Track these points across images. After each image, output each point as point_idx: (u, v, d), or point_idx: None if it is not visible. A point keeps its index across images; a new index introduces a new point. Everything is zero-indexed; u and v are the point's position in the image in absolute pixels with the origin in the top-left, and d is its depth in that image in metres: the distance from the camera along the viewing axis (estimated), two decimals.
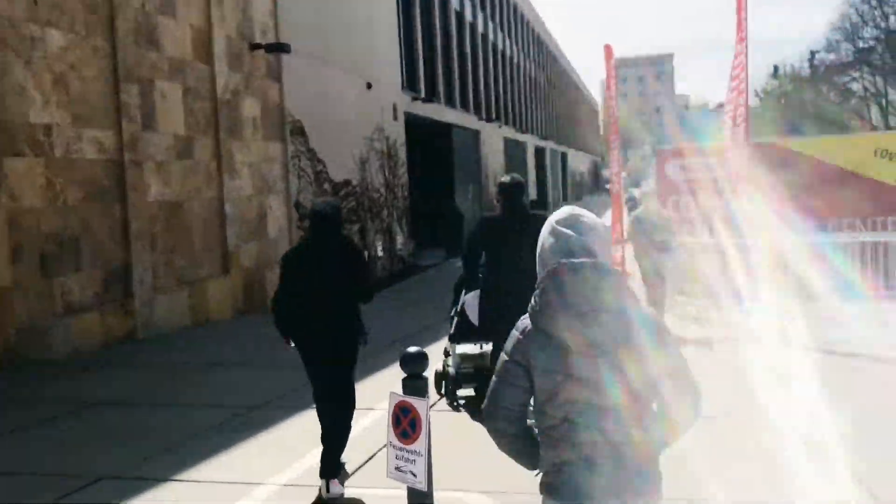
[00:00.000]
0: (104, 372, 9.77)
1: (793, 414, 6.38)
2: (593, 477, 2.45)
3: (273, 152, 16.06)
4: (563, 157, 66.15)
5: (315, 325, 5.50)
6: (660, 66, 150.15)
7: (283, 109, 16.40)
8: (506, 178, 6.83)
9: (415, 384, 3.78)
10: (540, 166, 51.57)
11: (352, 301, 5.58)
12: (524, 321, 2.60)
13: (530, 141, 48.20)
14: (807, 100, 74.35)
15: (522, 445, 2.66)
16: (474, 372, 7.53)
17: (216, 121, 14.11)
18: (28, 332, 10.02)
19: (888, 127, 48.73)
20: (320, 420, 5.70)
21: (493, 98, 38.06)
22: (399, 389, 3.84)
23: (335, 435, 5.56)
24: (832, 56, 57.21)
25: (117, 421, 7.61)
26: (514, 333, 2.61)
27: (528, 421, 2.68)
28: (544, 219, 2.80)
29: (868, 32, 50.99)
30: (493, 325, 6.45)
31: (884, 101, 51.76)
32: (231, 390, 8.73)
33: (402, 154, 23.67)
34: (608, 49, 15.47)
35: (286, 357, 9.77)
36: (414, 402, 3.52)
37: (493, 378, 2.65)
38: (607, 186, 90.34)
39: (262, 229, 15.58)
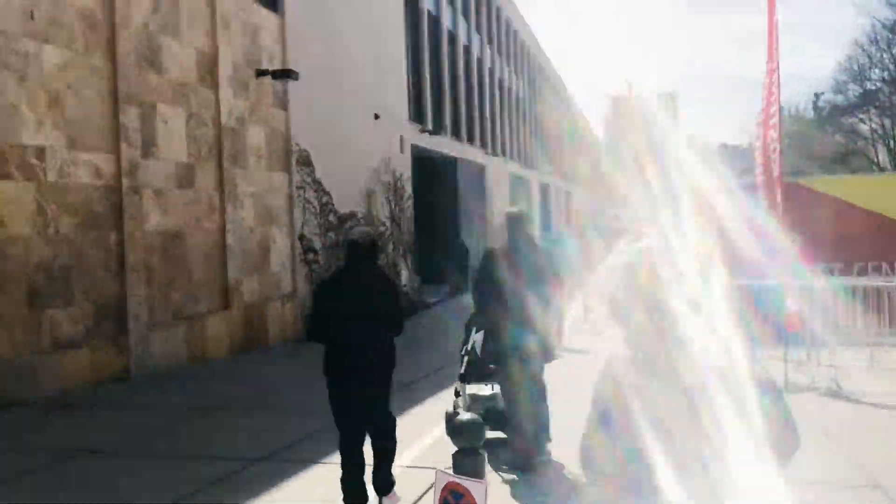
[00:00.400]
0: (93, 414, 8.99)
1: None
2: None
3: (277, 182, 15.41)
4: (568, 194, 65.66)
5: (350, 358, 5.46)
6: (664, 103, 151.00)
7: (289, 138, 15.78)
8: (511, 209, 6.82)
9: (471, 461, 3.03)
10: (545, 202, 50.99)
11: (385, 332, 5.57)
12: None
13: (535, 176, 47.69)
14: (813, 141, 74.27)
15: None
16: (485, 413, 7.06)
17: (219, 148, 13.47)
18: (12, 368, 9.26)
19: (895, 168, 48.30)
20: (347, 468, 5.56)
21: (498, 133, 37.59)
22: (442, 459, 3.08)
23: (385, 455, 5.63)
24: (839, 97, 56.96)
25: (102, 476, 6.81)
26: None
27: None
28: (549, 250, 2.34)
29: (875, 74, 50.78)
30: (496, 362, 6.46)
31: (891, 142, 51.32)
32: (231, 439, 7.95)
33: (409, 187, 23.05)
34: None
35: (291, 400, 8.98)
36: (469, 484, 2.78)
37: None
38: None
39: (265, 263, 14.87)
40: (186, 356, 12.21)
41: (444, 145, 27.28)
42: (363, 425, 5.59)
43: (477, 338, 7.13)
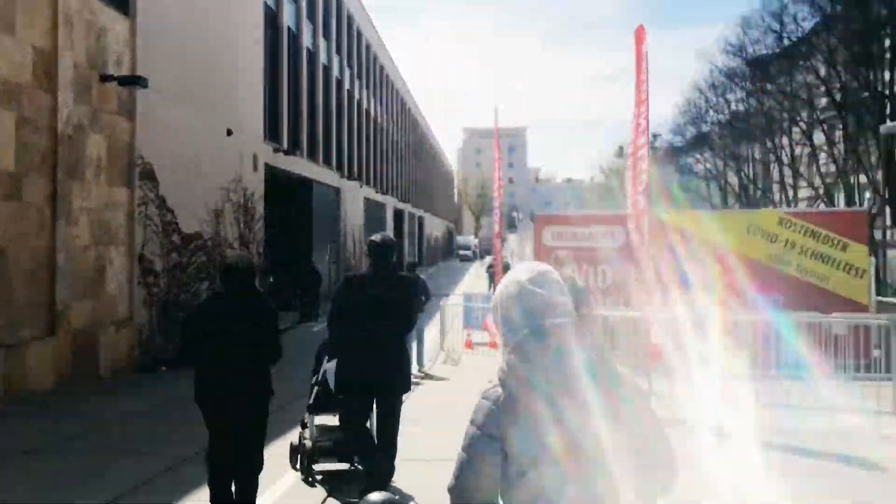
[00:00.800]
0: None
1: None
2: None
3: (118, 197, 14.23)
4: (420, 220, 65.84)
5: (228, 385, 5.31)
6: (514, 138, 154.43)
7: (134, 150, 14.65)
8: (377, 237, 6.40)
9: None
10: (398, 228, 50.78)
11: (263, 360, 5.46)
12: (493, 388, 2.33)
13: (390, 202, 47.43)
14: (652, 179, 77.98)
15: None
16: (333, 445, 7.02)
17: (54, 158, 12.26)
18: None
19: (725, 206, 51.17)
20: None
21: (355, 157, 37.06)
22: None
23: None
24: (677, 137, 60.29)
25: None
26: (483, 402, 2.32)
27: None
28: (415, 281, 3.49)
29: (711, 117, 53.98)
30: (351, 392, 6.14)
31: (723, 182, 54.55)
32: (46, 486, 6.97)
33: (260, 207, 22.11)
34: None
35: (117, 437, 8.09)
36: None
37: (463, 455, 2.32)
38: (461, 253, 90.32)
39: (100, 285, 13.64)
40: (2, 388, 10.90)
41: (299, 166, 26.47)
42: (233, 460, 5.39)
43: (329, 367, 6.83)
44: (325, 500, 6.56)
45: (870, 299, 15.13)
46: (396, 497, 2.93)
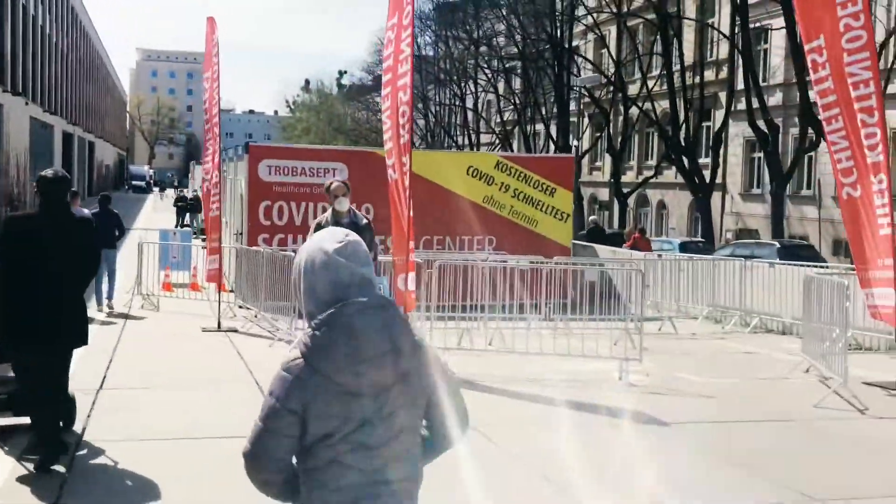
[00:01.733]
0: None
1: None
2: None
3: None
4: (91, 146, 60.11)
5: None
6: (192, 64, 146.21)
7: None
8: (48, 172, 5.79)
9: None
10: (67, 154, 45.78)
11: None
12: (294, 361, 2.35)
13: (59, 124, 42.50)
14: (339, 114, 78.35)
15: (290, 489, 2.44)
16: (7, 399, 6.24)
17: None
18: None
19: (413, 146, 52.54)
20: None
21: (20, 69, 32.47)
22: None
23: None
24: (369, 76, 60.74)
25: None
26: (285, 375, 2.34)
27: None
28: (90, 221, 3.95)
29: None
30: (19, 343, 5.52)
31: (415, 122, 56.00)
32: None
33: None
34: (211, 22, 12.88)
35: None
36: None
37: (260, 424, 2.36)
38: (134, 183, 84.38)
39: None
40: None
41: None
42: None
43: None
44: None
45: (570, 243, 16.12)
46: None
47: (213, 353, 10.06)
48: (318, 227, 7.29)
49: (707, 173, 28.14)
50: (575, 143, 33.15)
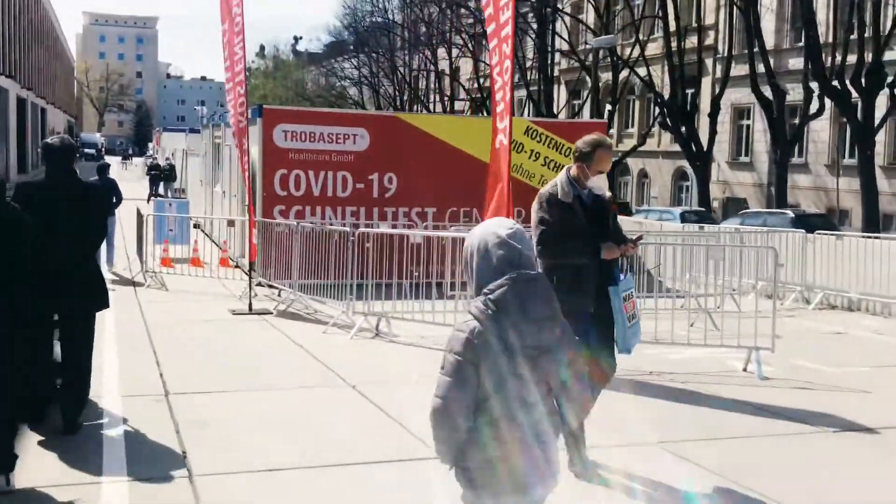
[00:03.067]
0: None
1: None
2: (523, 470, 2.70)
3: None
4: (44, 112, 57.49)
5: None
6: (143, 29, 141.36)
7: None
8: (55, 140, 5.84)
9: None
10: (21, 120, 43.50)
11: None
12: (469, 322, 2.69)
13: (13, 88, 40.25)
14: (297, 79, 76.49)
15: (459, 449, 2.73)
16: None
17: None
18: None
19: (379, 109, 50.62)
20: None
21: None
22: None
23: None
24: (334, 40, 58.95)
25: None
26: (460, 334, 2.68)
27: None
28: (98, 188, 5.84)
29: (368, 21, 53.29)
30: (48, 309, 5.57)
31: (378, 87, 54.03)
32: None
33: None
34: None
35: None
36: None
37: (445, 377, 2.68)
38: (86, 151, 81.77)
39: None
40: None
41: None
42: None
43: None
44: None
45: None
46: None
47: (266, 343, 8.74)
48: (551, 200, 5.04)
49: (704, 141, 27.44)
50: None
